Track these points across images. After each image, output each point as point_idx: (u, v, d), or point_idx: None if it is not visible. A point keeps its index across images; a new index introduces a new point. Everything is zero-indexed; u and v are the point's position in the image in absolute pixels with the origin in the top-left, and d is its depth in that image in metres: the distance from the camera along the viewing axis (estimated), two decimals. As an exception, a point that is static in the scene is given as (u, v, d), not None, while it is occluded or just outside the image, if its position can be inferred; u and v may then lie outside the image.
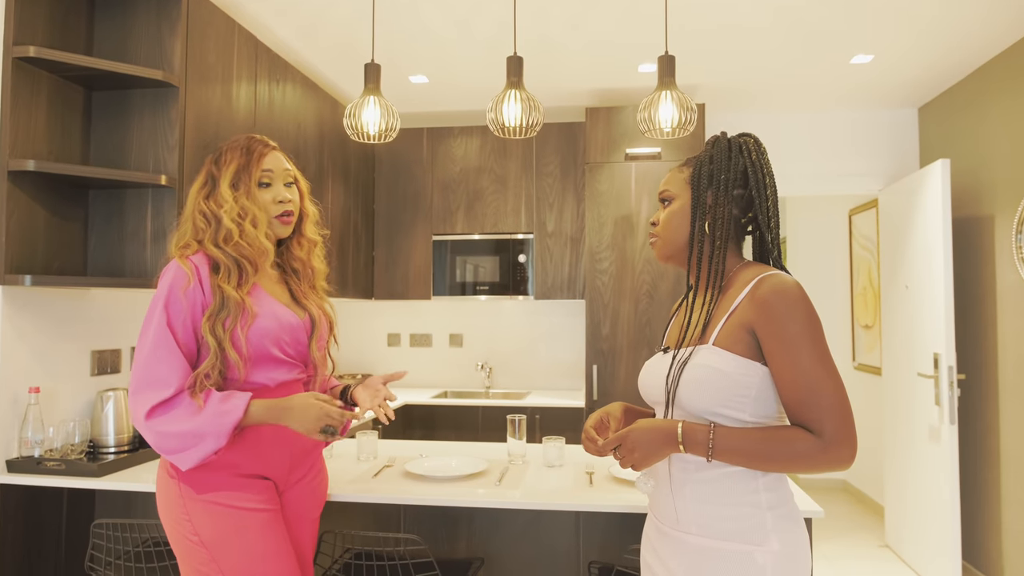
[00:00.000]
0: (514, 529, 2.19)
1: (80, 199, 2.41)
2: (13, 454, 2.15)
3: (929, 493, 3.57)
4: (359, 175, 4.13)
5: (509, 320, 4.57)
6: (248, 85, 2.88)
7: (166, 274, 1.60)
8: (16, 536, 2.16)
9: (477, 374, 4.54)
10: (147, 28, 2.44)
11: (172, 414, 1.51)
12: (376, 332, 4.69)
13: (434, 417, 3.99)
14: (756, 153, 1.43)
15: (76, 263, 2.38)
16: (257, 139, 1.74)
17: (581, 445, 1.71)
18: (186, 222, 1.67)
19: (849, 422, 1.22)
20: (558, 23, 3.06)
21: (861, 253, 5.14)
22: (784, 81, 3.78)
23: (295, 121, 3.30)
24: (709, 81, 3.79)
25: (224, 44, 2.70)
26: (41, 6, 2.24)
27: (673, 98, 2.23)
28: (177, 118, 2.41)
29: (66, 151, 2.35)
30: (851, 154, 4.33)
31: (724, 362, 1.30)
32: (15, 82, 2.13)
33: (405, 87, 3.91)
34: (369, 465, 2.25)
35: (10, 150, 2.12)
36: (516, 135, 2.30)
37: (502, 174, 4.23)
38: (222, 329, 1.56)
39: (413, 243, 4.31)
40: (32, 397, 2.17)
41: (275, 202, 1.71)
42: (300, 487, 1.76)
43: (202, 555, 1.58)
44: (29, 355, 2.21)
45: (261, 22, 3.05)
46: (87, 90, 2.43)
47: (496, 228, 4.22)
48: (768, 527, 1.28)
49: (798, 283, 1.30)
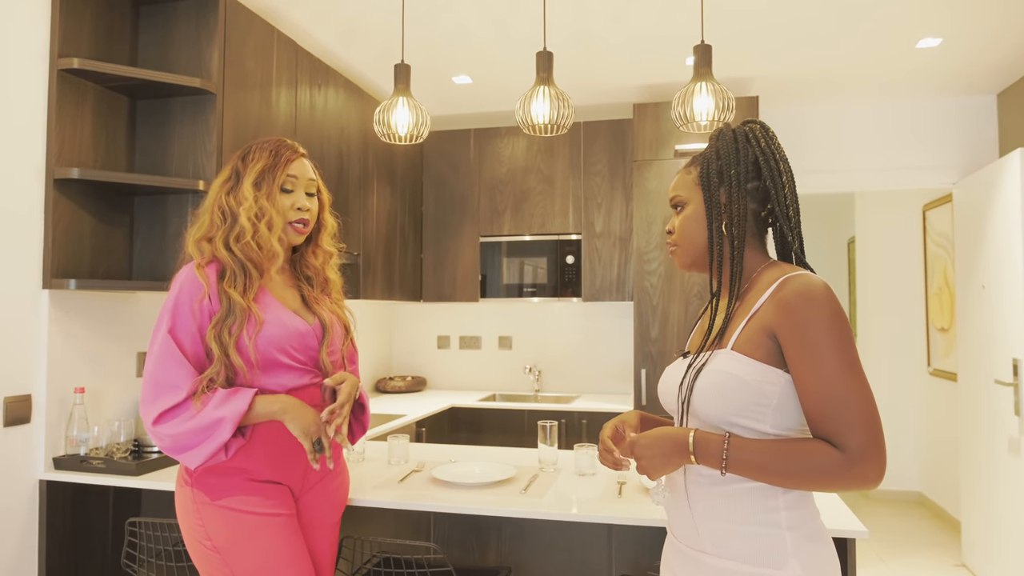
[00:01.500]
0: (543, 539, 2.13)
1: (126, 205, 2.48)
2: (60, 452, 2.23)
3: (1010, 509, 3.30)
4: (406, 177, 4.15)
5: (558, 322, 4.50)
6: (288, 90, 2.92)
7: (178, 280, 1.61)
8: (64, 531, 2.24)
9: (526, 377, 4.48)
10: (187, 37, 2.50)
11: (180, 417, 1.53)
12: (426, 334, 4.70)
13: (481, 420, 3.96)
14: (765, 140, 1.32)
15: (121, 267, 2.46)
16: (287, 143, 1.73)
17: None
18: (204, 214, 1.68)
19: (877, 436, 1.10)
20: (598, 17, 2.97)
21: (936, 251, 4.82)
22: (844, 70, 3.58)
23: (338, 125, 3.33)
24: (763, 72, 3.62)
25: (263, 50, 2.74)
26: (86, 18, 2.32)
27: (710, 90, 2.12)
28: (215, 124, 2.46)
29: (112, 159, 2.42)
30: (921, 145, 4.06)
31: (742, 368, 1.20)
32: (60, 93, 2.21)
33: (449, 88, 3.90)
34: (398, 469, 2.22)
35: (56, 159, 2.20)
36: (545, 133, 2.23)
37: (549, 174, 4.17)
38: (227, 335, 1.56)
39: (461, 245, 4.30)
40: (77, 397, 2.24)
41: (293, 208, 1.70)
42: (316, 492, 1.74)
43: (216, 560, 1.58)
44: (76, 356, 2.29)
45: (301, 27, 3.08)
46: (132, 99, 2.50)
47: (544, 229, 4.16)
48: (788, 549, 1.18)
49: (826, 284, 1.19)
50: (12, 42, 2.10)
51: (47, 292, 2.19)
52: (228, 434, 1.53)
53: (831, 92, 3.94)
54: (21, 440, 2.13)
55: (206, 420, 1.52)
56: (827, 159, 4.17)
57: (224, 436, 1.53)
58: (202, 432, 1.53)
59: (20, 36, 2.13)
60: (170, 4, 2.52)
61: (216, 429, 1.52)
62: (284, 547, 1.61)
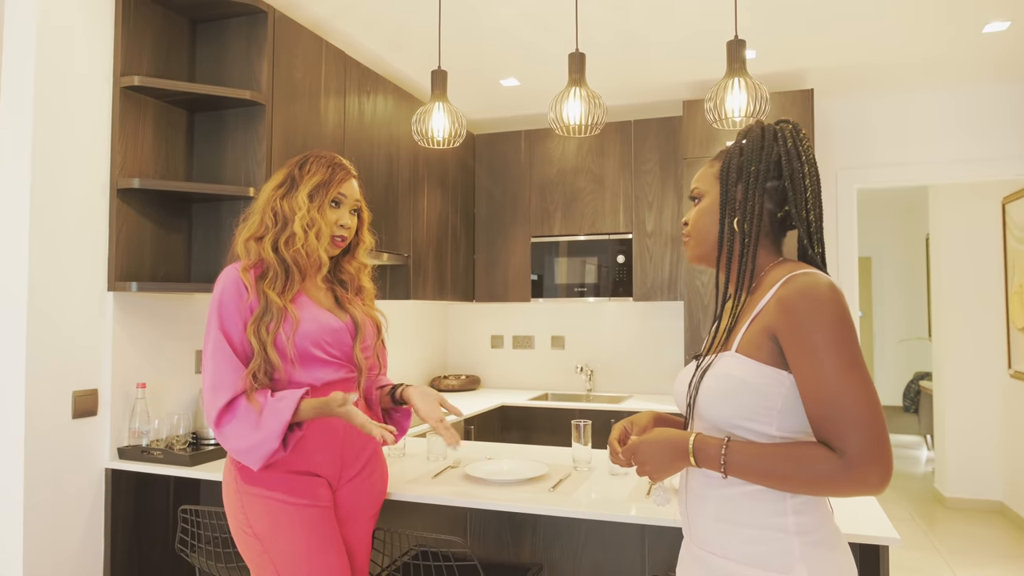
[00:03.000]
0: (577, 537, 2.14)
1: (184, 211, 2.64)
2: (124, 443, 2.39)
3: (1091, 523, 3.08)
4: (457, 180, 4.22)
5: (610, 322, 4.48)
6: (337, 98, 3.02)
7: (221, 280, 1.71)
8: (127, 517, 2.40)
9: (578, 377, 4.49)
10: (239, 51, 2.63)
11: (235, 423, 1.61)
12: (480, 334, 4.77)
13: (531, 419, 3.99)
14: (793, 140, 1.29)
15: (180, 270, 2.61)
16: (342, 164, 1.82)
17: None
18: (255, 215, 1.77)
19: (879, 440, 1.07)
20: (640, 16, 2.96)
21: (1017, 247, 4.54)
22: (905, 58, 3.42)
23: (387, 130, 3.42)
24: (818, 64, 3.51)
25: (311, 61, 2.85)
26: (147, 38, 2.48)
27: (743, 85, 2.08)
28: (264, 134, 2.58)
29: (172, 168, 2.58)
30: (997, 134, 3.84)
31: (746, 370, 1.19)
32: (123, 109, 2.38)
33: (497, 91, 3.94)
34: (435, 465, 2.28)
35: (119, 170, 2.36)
36: (578, 133, 2.24)
37: (599, 173, 4.16)
38: (265, 332, 1.65)
39: (512, 245, 4.34)
40: (139, 392, 2.40)
41: (337, 224, 1.79)
42: (354, 485, 1.81)
43: (256, 546, 1.68)
44: (137, 354, 2.45)
45: (350, 37, 3.19)
46: (190, 112, 2.66)
47: (594, 228, 4.15)
48: (795, 554, 1.16)
49: (831, 283, 1.16)
50: (81, 65, 2.27)
51: (112, 294, 2.36)
52: (276, 442, 1.59)
53: (894, 81, 3.77)
54: (88, 431, 2.29)
55: (254, 437, 1.60)
56: (894, 152, 4.00)
57: (269, 450, 1.60)
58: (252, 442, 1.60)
59: (88, 59, 2.30)
60: (224, 21, 2.66)
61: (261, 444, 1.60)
62: (319, 536, 1.69)
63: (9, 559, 2.10)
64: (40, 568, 2.14)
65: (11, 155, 2.15)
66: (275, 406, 1.61)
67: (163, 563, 2.48)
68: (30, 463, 2.11)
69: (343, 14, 2.96)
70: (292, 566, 1.65)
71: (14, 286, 2.13)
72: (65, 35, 2.23)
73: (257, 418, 1.60)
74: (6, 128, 2.17)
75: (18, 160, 2.14)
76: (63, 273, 2.22)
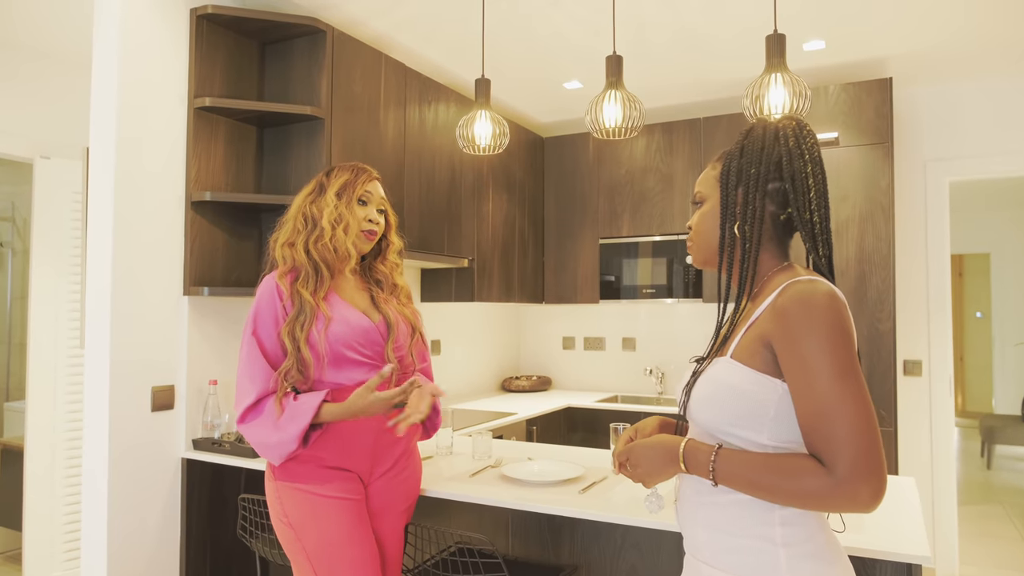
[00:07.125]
0: (613, 540, 2.14)
1: (255, 220, 2.83)
2: (197, 435, 2.60)
3: None
4: (525, 183, 4.27)
5: (681, 324, 4.39)
6: (397, 109, 3.15)
7: (260, 288, 1.84)
8: (202, 503, 2.60)
9: (648, 379, 4.43)
10: (302, 69, 2.80)
11: (258, 420, 1.75)
12: (551, 336, 4.80)
13: (596, 421, 3.98)
14: (796, 139, 1.25)
15: (251, 275, 2.80)
16: (365, 167, 1.96)
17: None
18: (288, 222, 1.91)
19: (870, 456, 1.02)
20: (694, 11, 2.90)
21: None
22: (991, 41, 3.17)
23: (450, 136, 3.52)
24: (899, 50, 3.31)
25: (371, 75, 2.99)
26: (219, 61, 2.68)
27: (783, 81, 2.02)
28: (324, 146, 2.73)
29: (242, 182, 2.78)
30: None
31: (737, 377, 1.17)
32: (196, 127, 2.59)
33: (562, 94, 3.96)
34: (476, 464, 2.34)
35: (193, 184, 2.58)
36: (615, 136, 2.24)
37: (668, 173, 4.09)
38: (299, 331, 1.76)
39: (580, 247, 4.34)
40: (211, 388, 2.60)
41: (366, 219, 1.90)
42: (386, 480, 1.90)
43: (290, 535, 1.80)
44: (211, 353, 2.65)
45: (412, 49, 3.30)
46: (259, 128, 2.85)
47: (663, 229, 4.09)
48: (781, 567, 1.13)
49: (830, 291, 1.11)
50: (160, 90, 2.50)
51: (187, 298, 2.57)
52: (295, 444, 1.71)
53: (984, 64, 3.49)
54: (166, 424, 2.51)
55: (273, 436, 1.73)
56: (991, 140, 3.70)
57: (288, 451, 1.72)
58: (272, 442, 1.74)
59: (166, 83, 2.52)
60: (289, 42, 2.84)
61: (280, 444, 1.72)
62: (349, 528, 1.79)
63: (95, 540, 2.34)
64: (122, 548, 2.36)
65: (99, 170, 2.40)
66: (296, 410, 1.72)
67: (233, 547, 2.68)
68: (114, 452, 2.34)
69: (402, 29, 3.07)
70: (323, 555, 1.76)
71: (100, 292, 2.37)
72: (146, 62, 2.45)
73: (279, 420, 1.72)
74: (95, 146, 2.41)
75: (104, 174, 2.38)
76: (144, 279, 2.44)
